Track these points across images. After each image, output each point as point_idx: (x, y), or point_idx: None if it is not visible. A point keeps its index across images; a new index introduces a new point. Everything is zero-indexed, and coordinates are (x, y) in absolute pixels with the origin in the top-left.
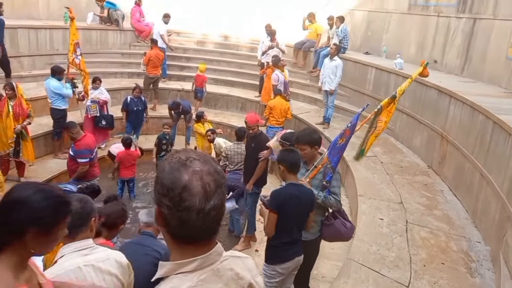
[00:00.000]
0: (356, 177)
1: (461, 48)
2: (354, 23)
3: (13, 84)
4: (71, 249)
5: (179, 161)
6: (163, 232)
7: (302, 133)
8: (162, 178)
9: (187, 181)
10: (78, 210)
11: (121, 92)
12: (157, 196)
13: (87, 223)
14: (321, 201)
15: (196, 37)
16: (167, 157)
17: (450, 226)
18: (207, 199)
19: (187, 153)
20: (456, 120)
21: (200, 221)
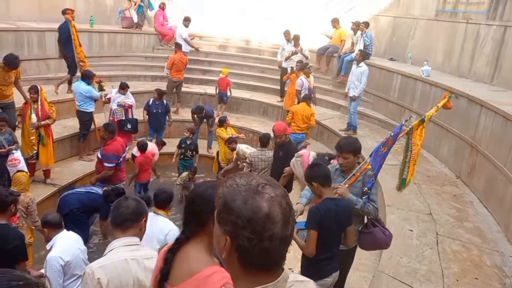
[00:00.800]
0: (384, 187)
1: (491, 56)
2: (378, 29)
3: (38, 87)
4: (120, 244)
5: (249, 188)
6: (229, 261)
7: (346, 142)
8: (238, 209)
9: (268, 208)
10: (134, 207)
11: (144, 95)
12: (231, 229)
13: (139, 220)
14: (360, 208)
15: (218, 41)
16: (227, 186)
17: (482, 239)
18: (287, 224)
19: (251, 178)
20: (487, 130)
21: (282, 247)
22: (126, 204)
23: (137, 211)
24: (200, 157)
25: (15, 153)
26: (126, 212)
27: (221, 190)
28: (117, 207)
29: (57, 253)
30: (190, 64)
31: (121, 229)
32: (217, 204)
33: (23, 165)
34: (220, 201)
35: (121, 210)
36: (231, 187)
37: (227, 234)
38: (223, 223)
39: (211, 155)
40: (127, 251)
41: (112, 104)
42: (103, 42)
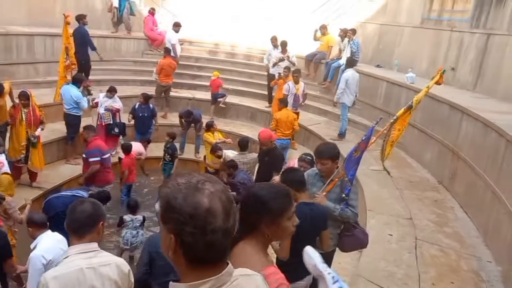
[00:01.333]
0: (366, 191)
1: (474, 63)
2: (365, 36)
3: (28, 94)
4: (76, 251)
5: (190, 185)
6: (176, 259)
7: (324, 148)
8: (179, 206)
9: (208, 203)
10: (90, 212)
11: (133, 99)
12: (174, 226)
13: (95, 225)
14: (338, 214)
15: (208, 46)
16: (169, 186)
17: (460, 244)
18: (228, 217)
19: (192, 176)
20: (468, 137)
21: (224, 240)
22: (81, 208)
23: (94, 215)
24: (187, 161)
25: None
26: (82, 216)
27: (163, 190)
28: (72, 212)
29: (40, 252)
30: (180, 69)
31: (77, 235)
32: (161, 205)
33: (6, 168)
34: (163, 201)
35: (77, 215)
36: (172, 186)
37: (171, 232)
38: (167, 222)
39: (199, 159)
40: (83, 258)
41: (100, 108)
42: None
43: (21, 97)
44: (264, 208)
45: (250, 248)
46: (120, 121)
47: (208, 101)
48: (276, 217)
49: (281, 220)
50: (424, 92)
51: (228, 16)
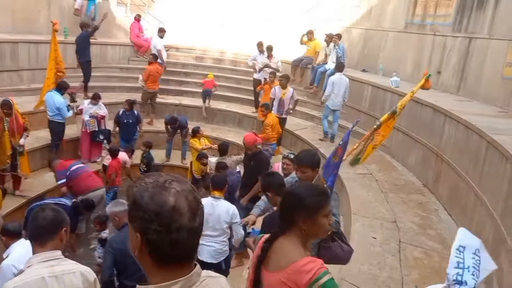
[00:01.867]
0: (350, 195)
1: (457, 67)
2: (351, 41)
3: (10, 103)
4: (39, 259)
5: (157, 185)
6: (142, 258)
7: (304, 155)
8: (145, 205)
9: (174, 201)
10: (51, 218)
11: (119, 106)
12: (140, 225)
13: (57, 231)
14: None
15: (194, 52)
16: (137, 185)
17: (444, 246)
18: (194, 216)
19: (159, 176)
20: (451, 139)
21: (190, 239)
22: (43, 215)
23: (55, 221)
24: (174, 167)
25: None
26: (44, 224)
27: (130, 190)
28: (34, 220)
29: (10, 261)
30: (167, 75)
31: (39, 243)
32: (128, 204)
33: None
34: (130, 200)
35: (38, 222)
36: (139, 186)
37: (137, 231)
38: (133, 220)
39: (185, 165)
40: (45, 267)
41: (84, 116)
42: None
43: (4, 106)
44: (301, 204)
45: (289, 242)
46: (105, 128)
47: (195, 107)
48: (312, 214)
49: (317, 217)
50: (408, 97)
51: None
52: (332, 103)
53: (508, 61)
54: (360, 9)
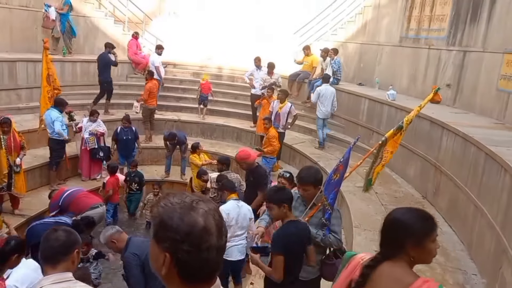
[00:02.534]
0: (351, 208)
1: (452, 79)
2: (347, 55)
3: (10, 121)
4: (50, 281)
5: (184, 205)
6: (169, 277)
7: (307, 173)
8: (176, 225)
9: (203, 222)
10: (64, 239)
11: (117, 123)
12: (170, 245)
13: (69, 253)
14: (320, 240)
15: (192, 68)
16: (162, 205)
17: (445, 258)
18: (221, 235)
19: (185, 196)
20: (449, 151)
21: (218, 257)
22: (55, 236)
23: (68, 242)
24: (174, 183)
25: None
26: (56, 245)
27: (156, 210)
28: (46, 240)
29: (13, 281)
30: (164, 91)
31: (51, 264)
32: (154, 224)
33: None
34: (157, 220)
35: (50, 243)
36: (166, 206)
37: (166, 251)
38: (162, 241)
39: (185, 181)
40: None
41: (84, 133)
42: (76, 71)
43: (3, 124)
44: (409, 231)
45: (400, 268)
46: (105, 145)
47: (193, 122)
48: (421, 240)
49: (426, 243)
50: (415, 111)
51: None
52: (322, 113)
53: (502, 74)
54: (355, 24)
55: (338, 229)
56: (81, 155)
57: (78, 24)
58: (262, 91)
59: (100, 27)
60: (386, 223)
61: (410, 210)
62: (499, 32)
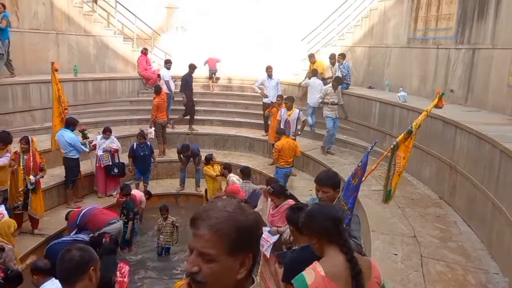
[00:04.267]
0: (368, 212)
1: (463, 78)
2: (355, 59)
3: (28, 139)
4: None
5: (239, 207)
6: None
7: (325, 175)
8: (251, 226)
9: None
10: (77, 259)
11: (131, 139)
12: (254, 245)
13: (85, 272)
14: None
15: (201, 81)
16: (226, 217)
17: (466, 258)
18: None
19: (225, 202)
20: (463, 150)
21: None
22: (69, 256)
23: (82, 262)
24: (188, 196)
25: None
26: (70, 266)
27: (221, 224)
28: (61, 262)
29: None
30: (175, 105)
31: (68, 284)
32: (228, 236)
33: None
34: (232, 230)
35: (65, 264)
36: (230, 216)
37: (247, 253)
38: (243, 246)
39: (200, 193)
40: None
41: (98, 151)
42: (88, 90)
43: (21, 141)
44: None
45: None
46: (119, 161)
47: (206, 135)
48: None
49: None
50: (423, 116)
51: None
52: (311, 101)
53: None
54: (362, 28)
55: (357, 235)
56: (97, 172)
57: (88, 44)
58: (267, 99)
59: (109, 45)
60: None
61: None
62: (508, 28)
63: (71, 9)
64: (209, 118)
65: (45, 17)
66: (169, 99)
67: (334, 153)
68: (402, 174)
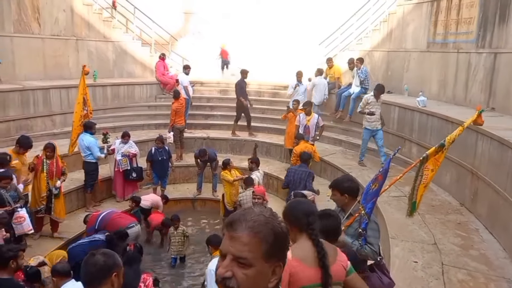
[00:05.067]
0: (387, 218)
1: (484, 83)
2: (373, 64)
3: (54, 146)
4: None
5: (271, 214)
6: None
7: (338, 179)
8: (285, 233)
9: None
10: (101, 263)
11: (149, 143)
12: (285, 252)
13: (107, 277)
14: (356, 250)
15: (218, 86)
16: (263, 224)
17: (488, 266)
18: None
19: (256, 209)
20: (485, 156)
21: None
22: (93, 260)
23: (105, 267)
24: (205, 200)
25: (20, 211)
26: (93, 270)
27: (258, 229)
28: (84, 265)
29: None
30: (193, 110)
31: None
32: (266, 242)
33: (28, 222)
34: (270, 237)
35: (88, 268)
36: (267, 223)
37: (279, 261)
38: (277, 253)
39: (217, 198)
40: None
41: (117, 155)
42: (107, 95)
43: (47, 149)
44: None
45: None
46: (137, 165)
47: (223, 139)
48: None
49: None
50: (458, 131)
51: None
52: (316, 100)
53: None
54: (380, 32)
55: (374, 241)
56: (115, 177)
57: (107, 49)
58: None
59: (128, 51)
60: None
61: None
62: None
63: (91, 16)
64: (226, 123)
65: (65, 24)
66: (187, 104)
67: (365, 165)
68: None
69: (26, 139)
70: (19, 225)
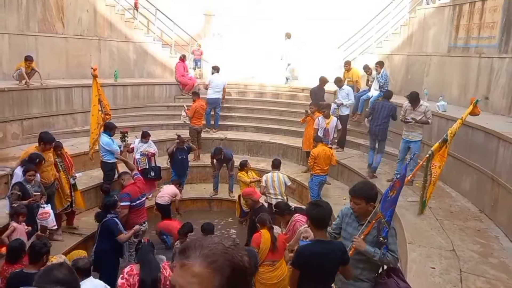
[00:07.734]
0: (404, 223)
1: (506, 88)
2: (393, 67)
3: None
4: None
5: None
6: None
7: (360, 187)
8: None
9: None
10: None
11: (167, 143)
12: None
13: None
14: (378, 259)
15: (237, 87)
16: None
17: (508, 275)
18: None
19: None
20: (506, 163)
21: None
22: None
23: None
24: (222, 201)
25: (45, 206)
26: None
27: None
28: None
29: None
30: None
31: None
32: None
33: (52, 218)
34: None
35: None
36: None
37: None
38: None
39: (233, 198)
40: None
41: (136, 154)
42: (127, 95)
43: (56, 148)
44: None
45: None
46: (156, 165)
47: (240, 140)
48: None
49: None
50: (458, 124)
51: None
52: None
53: None
54: (401, 36)
55: (395, 248)
56: None
57: (129, 50)
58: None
59: (149, 52)
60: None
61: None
62: None
63: (113, 16)
64: (243, 124)
65: (88, 24)
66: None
67: (376, 176)
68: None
69: (47, 134)
70: (44, 221)
